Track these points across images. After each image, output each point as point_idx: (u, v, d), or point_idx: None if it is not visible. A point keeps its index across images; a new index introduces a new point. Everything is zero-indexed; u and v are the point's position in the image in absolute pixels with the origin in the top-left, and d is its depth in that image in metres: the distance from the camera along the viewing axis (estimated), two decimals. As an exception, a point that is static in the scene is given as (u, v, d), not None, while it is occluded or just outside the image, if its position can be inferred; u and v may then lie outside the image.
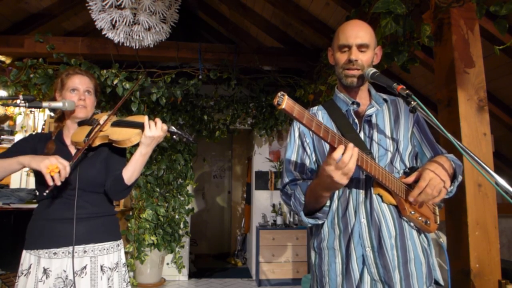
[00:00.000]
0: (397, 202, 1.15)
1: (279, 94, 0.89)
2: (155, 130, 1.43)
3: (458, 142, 1.01)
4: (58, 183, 1.32)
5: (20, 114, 4.71)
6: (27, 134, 3.48)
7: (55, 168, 1.30)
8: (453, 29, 1.73)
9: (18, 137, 4.76)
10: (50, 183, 1.30)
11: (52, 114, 3.92)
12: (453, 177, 1.17)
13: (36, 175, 1.50)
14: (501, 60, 2.71)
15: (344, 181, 0.99)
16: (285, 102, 0.89)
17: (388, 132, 1.23)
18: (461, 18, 1.75)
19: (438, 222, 1.22)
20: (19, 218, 3.37)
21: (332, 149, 1.00)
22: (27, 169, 4.21)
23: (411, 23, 1.96)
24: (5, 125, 5.03)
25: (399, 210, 1.16)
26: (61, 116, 1.62)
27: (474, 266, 1.56)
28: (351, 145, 0.98)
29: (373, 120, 1.24)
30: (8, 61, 3.92)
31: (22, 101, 1.37)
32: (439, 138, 1.80)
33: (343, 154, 0.97)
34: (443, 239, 1.43)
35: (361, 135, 1.22)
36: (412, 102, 1.04)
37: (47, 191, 1.31)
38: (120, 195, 1.53)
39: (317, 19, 3.40)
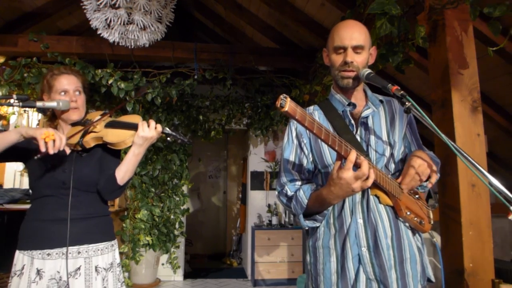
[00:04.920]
0: (394, 203, 1.16)
1: (281, 96, 0.90)
2: (148, 130, 1.42)
3: (452, 143, 1.02)
4: (51, 152, 1.28)
5: (13, 113, 4.66)
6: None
7: (51, 135, 1.28)
8: (447, 31, 1.74)
9: (11, 136, 4.71)
10: (43, 149, 1.27)
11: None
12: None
13: (30, 174, 1.49)
14: (495, 61, 2.73)
15: (359, 188, 1.03)
16: (287, 104, 0.89)
17: (384, 135, 1.24)
18: (455, 19, 1.76)
19: (432, 222, 1.23)
20: (12, 219, 3.34)
21: (339, 156, 1.02)
22: (20, 168, 4.13)
23: (406, 24, 1.98)
24: (-1, 125, 4.98)
25: (395, 211, 1.17)
26: (52, 117, 1.59)
27: (467, 265, 1.57)
28: (367, 163, 1.01)
29: (369, 122, 1.25)
30: (1, 60, 3.88)
31: (16, 101, 1.35)
32: (433, 139, 1.81)
33: (356, 166, 1.00)
34: (437, 239, 1.44)
35: (357, 137, 1.23)
36: (406, 103, 1.05)
37: (38, 156, 1.27)
38: (113, 194, 1.52)
39: (313, 20, 3.41)
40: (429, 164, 1.12)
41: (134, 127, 1.45)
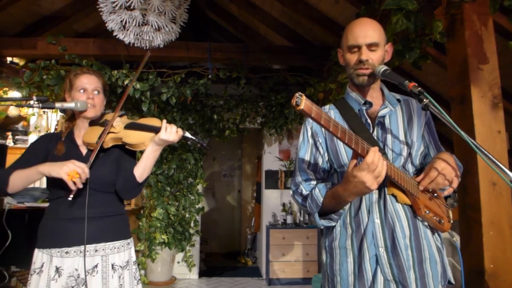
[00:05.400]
0: (412, 202, 1.14)
1: (297, 94, 0.89)
2: (171, 134, 1.44)
3: (472, 140, 0.99)
4: (80, 186, 1.36)
5: (33, 114, 4.80)
6: (40, 135, 3.54)
7: (75, 173, 1.35)
8: (466, 25, 1.70)
9: (32, 137, 4.85)
10: (73, 188, 1.34)
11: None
12: None
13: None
14: (516, 56, 2.65)
15: (375, 185, 1.00)
16: (303, 102, 0.88)
17: (401, 134, 1.21)
18: (474, 13, 1.71)
19: (452, 222, 1.20)
20: (33, 217, 3.43)
21: (355, 153, 1.00)
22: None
23: (423, 19, 1.93)
24: (19, 126, 5.13)
25: (413, 209, 1.15)
26: (71, 116, 1.64)
27: (488, 266, 1.53)
28: (376, 148, 0.99)
29: (386, 121, 1.23)
30: (21, 63, 3.99)
31: (36, 102, 1.39)
32: (452, 136, 1.77)
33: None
34: (457, 239, 1.41)
35: (374, 136, 1.21)
36: (424, 100, 1.02)
37: (70, 196, 1.35)
38: (132, 193, 1.54)
39: (327, 17, 3.37)
40: (454, 168, 1.09)
41: (153, 129, 1.47)
